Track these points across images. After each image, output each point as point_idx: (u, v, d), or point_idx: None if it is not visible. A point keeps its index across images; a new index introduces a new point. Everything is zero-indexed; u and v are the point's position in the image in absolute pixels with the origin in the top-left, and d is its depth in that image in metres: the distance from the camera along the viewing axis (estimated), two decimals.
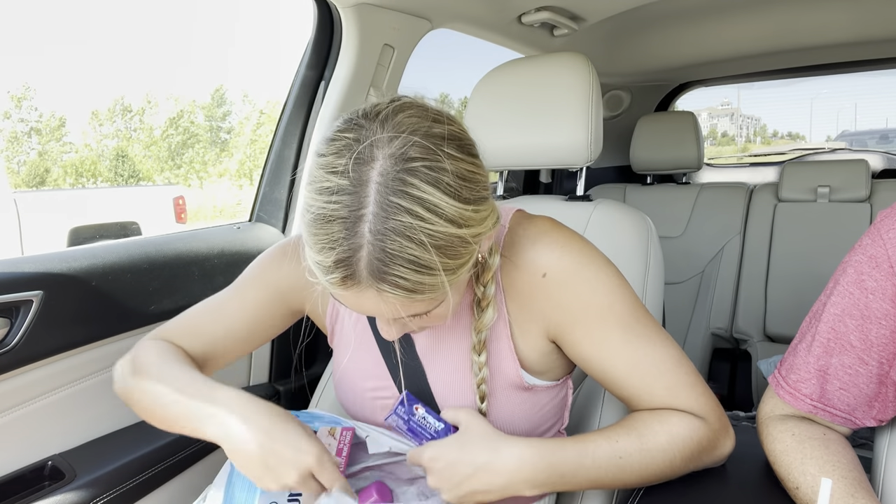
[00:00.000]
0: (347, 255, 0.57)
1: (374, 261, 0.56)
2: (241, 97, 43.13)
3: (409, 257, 0.56)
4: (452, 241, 0.58)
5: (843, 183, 2.20)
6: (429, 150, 0.58)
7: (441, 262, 0.58)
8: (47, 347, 1.00)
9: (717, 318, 2.32)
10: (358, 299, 0.60)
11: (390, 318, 0.64)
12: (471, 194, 0.60)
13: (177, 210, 5.86)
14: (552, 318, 0.76)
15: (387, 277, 0.57)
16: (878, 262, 0.69)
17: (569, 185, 2.65)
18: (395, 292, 0.58)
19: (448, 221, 0.58)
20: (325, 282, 0.60)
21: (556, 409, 0.86)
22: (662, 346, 0.75)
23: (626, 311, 0.75)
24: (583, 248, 0.76)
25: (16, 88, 39.81)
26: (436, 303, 0.63)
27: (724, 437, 0.77)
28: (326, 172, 0.58)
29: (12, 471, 0.99)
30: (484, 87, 1.23)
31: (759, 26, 2.02)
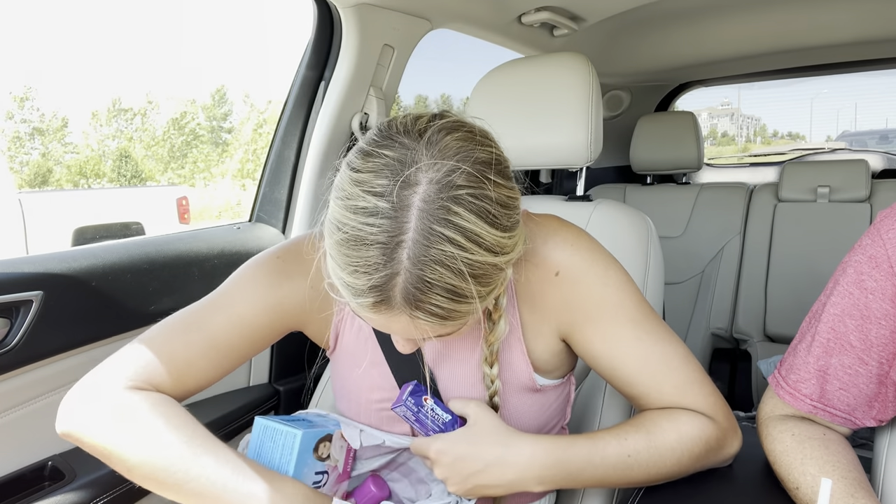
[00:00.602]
0: (384, 282, 0.55)
1: (410, 288, 0.55)
2: (241, 97, 43.13)
3: (446, 286, 0.55)
4: (488, 270, 0.57)
5: (843, 183, 2.20)
6: (475, 179, 0.56)
7: (476, 290, 0.56)
8: (47, 347, 1.00)
9: (717, 318, 2.32)
10: (388, 322, 0.59)
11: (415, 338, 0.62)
12: (508, 221, 0.59)
13: (180, 210, 5.87)
14: (564, 317, 0.76)
15: (423, 306, 0.55)
16: (878, 263, 0.69)
17: (569, 185, 2.65)
18: (429, 320, 0.56)
19: (487, 251, 0.56)
20: (355, 304, 0.58)
21: (561, 407, 0.87)
22: (671, 345, 0.76)
23: (636, 309, 0.75)
24: (592, 246, 0.77)
25: (18, 89, 39.85)
26: (462, 324, 0.61)
27: (732, 437, 0.76)
28: (364, 191, 0.55)
29: (12, 471, 0.99)
30: (484, 87, 1.23)
31: (759, 26, 2.02)
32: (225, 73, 72.21)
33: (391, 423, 0.81)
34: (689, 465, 0.73)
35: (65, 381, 1.05)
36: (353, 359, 0.82)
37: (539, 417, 0.82)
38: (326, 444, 0.76)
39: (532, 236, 0.75)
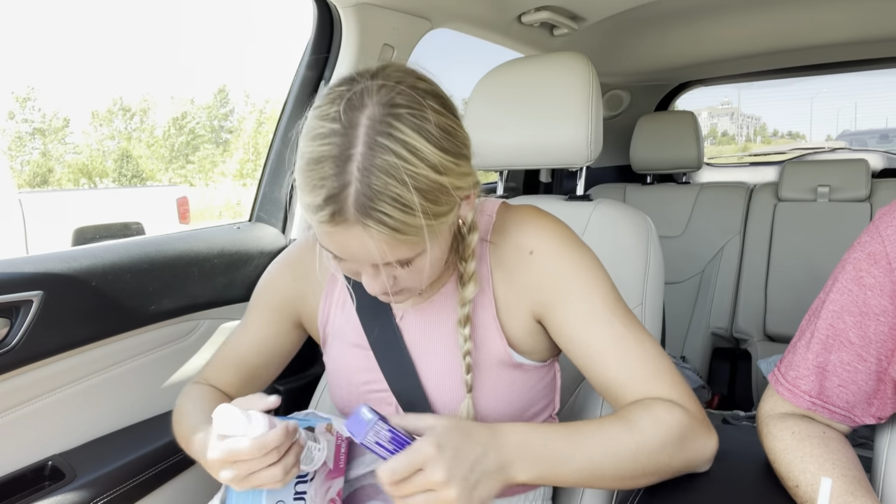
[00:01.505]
0: (336, 192, 0.61)
1: (361, 197, 0.60)
2: (242, 97, 43.13)
3: (392, 195, 0.60)
4: (433, 187, 0.63)
5: (842, 182, 2.20)
6: (415, 101, 0.63)
7: (422, 204, 0.62)
8: (47, 347, 1.00)
9: (717, 318, 2.32)
10: (346, 239, 0.64)
11: (377, 262, 0.66)
12: (451, 146, 0.65)
13: (180, 211, 5.87)
14: (538, 297, 0.78)
15: (372, 213, 0.61)
16: (877, 259, 0.69)
17: (569, 184, 2.65)
18: (380, 229, 0.61)
19: (429, 167, 0.62)
20: (316, 222, 0.64)
21: (546, 391, 0.88)
22: (642, 335, 0.77)
23: (609, 297, 0.77)
24: (567, 233, 0.81)
25: (21, 89, 39.87)
26: (417, 249, 0.66)
27: (706, 430, 0.75)
28: (320, 120, 0.63)
29: (12, 471, 0.99)
30: (484, 87, 1.23)
31: (758, 26, 2.02)
32: (225, 72, 72.27)
33: (379, 406, 0.85)
34: (672, 452, 0.71)
35: (65, 381, 1.05)
36: (341, 343, 0.87)
37: (521, 397, 0.83)
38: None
39: (509, 221, 0.81)
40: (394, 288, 0.71)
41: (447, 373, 0.81)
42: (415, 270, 0.69)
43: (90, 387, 1.09)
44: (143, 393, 1.17)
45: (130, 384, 1.15)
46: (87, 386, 1.09)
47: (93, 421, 1.10)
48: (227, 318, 1.31)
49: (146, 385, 1.18)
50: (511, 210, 0.84)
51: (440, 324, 0.82)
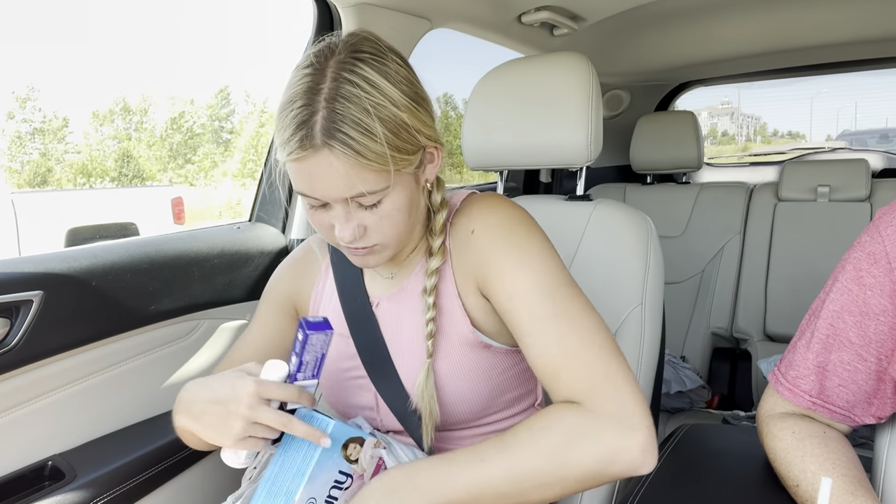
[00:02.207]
0: (305, 119, 0.68)
1: (326, 122, 0.67)
2: (243, 97, 43.13)
3: (355, 118, 0.67)
4: (394, 120, 0.69)
5: (843, 182, 2.20)
6: (378, 49, 0.72)
7: (384, 133, 0.68)
8: (47, 347, 1.00)
9: (717, 318, 2.32)
10: (314, 167, 0.69)
11: (345, 194, 0.70)
12: (410, 92, 0.72)
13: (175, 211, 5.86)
14: (479, 271, 0.79)
15: (336, 135, 0.67)
16: (877, 259, 0.69)
17: (569, 184, 2.65)
18: (344, 150, 0.67)
19: (389, 101, 0.69)
20: (287, 156, 0.69)
21: (522, 378, 0.89)
22: (579, 314, 0.74)
23: (544, 274, 0.75)
24: (512, 212, 0.81)
25: (21, 89, 39.86)
26: (382, 182, 0.70)
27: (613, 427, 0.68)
28: (296, 71, 0.71)
29: (12, 471, 0.99)
30: (484, 87, 1.23)
31: (759, 26, 2.01)
32: (224, 73, 72.26)
33: (359, 393, 0.89)
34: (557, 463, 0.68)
35: (65, 381, 1.05)
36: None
37: (489, 380, 0.84)
38: (357, 447, 0.76)
39: (467, 206, 0.85)
40: (363, 240, 0.74)
41: (415, 358, 0.83)
42: (382, 216, 0.73)
43: (90, 387, 1.09)
44: (143, 393, 1.17)
45: (130, 384, 1.15)
46: (87, 386, 1.09)
47: (93, 421, 1.10)
48: (227, 318, 1.32)
49: (146, 385, 1.18)
50: (473, 197, 0.86)
51: (407, 311, 0.85)
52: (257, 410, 0.67)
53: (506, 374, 0.86)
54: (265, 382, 0.69)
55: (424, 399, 0.81)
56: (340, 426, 0.74)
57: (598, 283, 1.10)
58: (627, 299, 1.07)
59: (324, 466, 0.72)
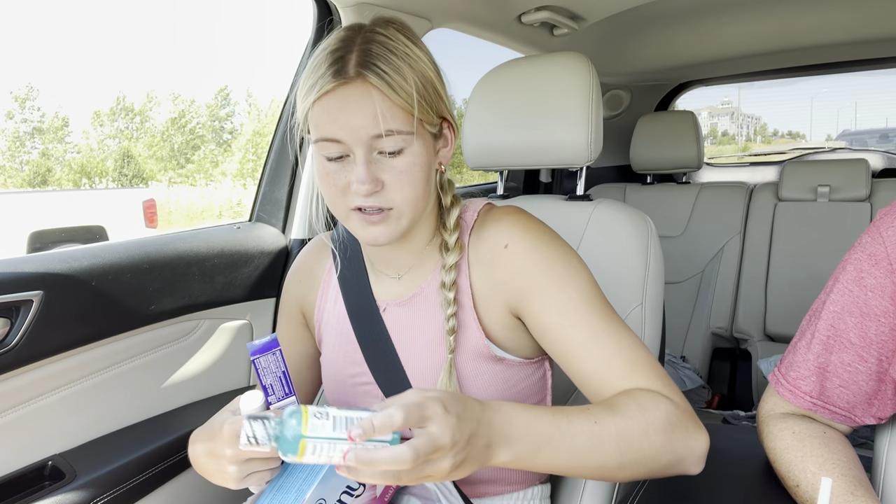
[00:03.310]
0: (339, 57, 0.71)
1: (360, 57, 0.71)
2: (244, 97, 43.08)
3: (387, 57, 0.71)
4: (423, 73, 0.74)
5: (843, 182, 2.20)
6: (406, 26, 0.78)
7: (413, 79, 0.72)
8: (47, 347, 1.00)
9: (717, 318, 2.32)
10: (344, 100, 0.71)
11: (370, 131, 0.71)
12: (434, 64, 0.77)
13: (147, 214, 5.73)
14: (513, 288, 0.78)
15: (370, 66, 0.70)
16: (878, 260, 0.69)
17: (569, 184, 2.65)
18: (378, 83, 0.70)
19: (418, 57, 0.74)
20: (317, 92, 0.71)
21: (534, 389, 0.88)
22: (622, 327, 0.76)
23: (586, 290, 0.77)
24: (543, 228, 0.82)
25: (20, 89, 39.85)
26: (408, 127, 0.72)
27: (695, 424, 0.71)
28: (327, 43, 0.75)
29: (12, 471, 0.99)
30: (484, 86, 1.23)
31: (759, 26, 2.01)
32: (224, 73, 72.22)
33: (366, 400, 0.88)
34: (658, 441, 0.68)
35: (65, 381, 1.05)
36: (333, 337, 0.91)
37: (504, 392, 0.83)
38: None
39: (489, 219, 0.84)
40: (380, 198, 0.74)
41: (430, 364, 0.82)
42: (402, 171, 0.73)
43: (90, 387, 1.09)
44: (143, 393, 1.17)
45: (130, 384, 1.15)
46: (87, 386, 1.09)
47: (93, 421, 1.10)
48: (227, 318, 1.31)
49: (146, 385, 1.18)
50: (493, 210, 0.86)
51: (422, 317, 0.84)
52: (241, 450, 0.65)
53: (518, 386, 0.85)
54: (239, 420, 0.67)
55: None
56: None
57: (598, 283, 1.10)
58: (627, 299, 1.07)
59: (336, 471, 0.72)
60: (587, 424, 0.66)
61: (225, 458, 0.67)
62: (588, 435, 0.66)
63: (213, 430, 0.69)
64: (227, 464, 0.67)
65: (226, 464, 0.67)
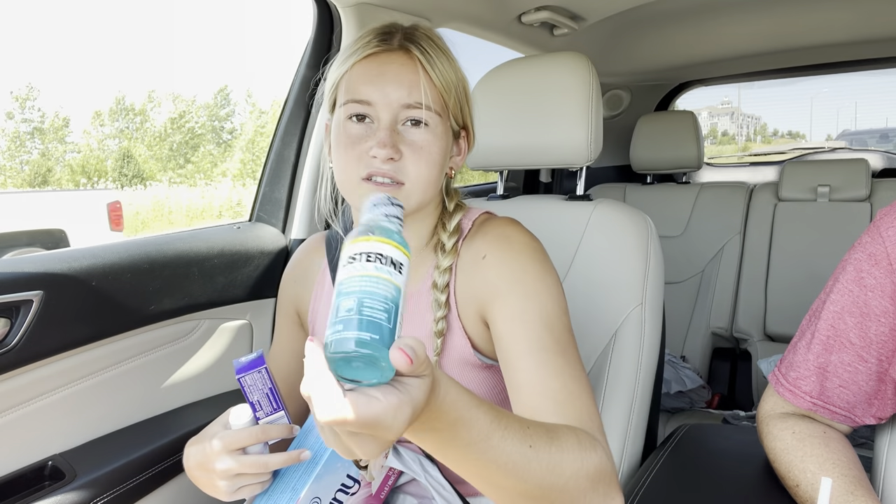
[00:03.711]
0: (387, 31, 0.79)
1: (404, 35, 0.78)
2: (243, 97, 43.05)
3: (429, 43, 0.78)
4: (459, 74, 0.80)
5: (843, 182, 2.20)
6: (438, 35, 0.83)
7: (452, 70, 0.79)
8: (47, 347, 1.00)
9: (717, 318, 2.32)
10: (384, 66, 0.76)
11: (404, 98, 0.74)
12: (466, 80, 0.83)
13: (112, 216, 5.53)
14: (482, 296, 0.78)
15: (415, 42, 0.77)
16: (878, 260, 0.69)
17: (569, 184, 2.65)
18: (421, 56, 0.75)
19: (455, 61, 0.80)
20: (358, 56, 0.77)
21: None
22: (574, 360, 0.72)
23: (550, 308, 0.74)
24: (529, 243, 0.80)
25: (20, 89, 39.85)
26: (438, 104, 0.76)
27: (615, 483, 0.66)
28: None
29: (12, 471, 0.99)
30: (484, 86, 1.23)
31: (758, 25, 2.01)
32: (223, 72, 72.22)
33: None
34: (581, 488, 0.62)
35: (65, 381, 1.05)
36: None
37: (492, 399, 0.83)
38: None
39: (482, 229, 0.84)
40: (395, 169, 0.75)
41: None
42: (422, 145, 0.76)
43: (90, 387, 1.09)
44: (143, 393, 1.17)
45: (130, 384, 1.15)
46: (87, 386, 1.09)
47: (93, 421, 1.10)
48: (227, 318, 1.31)
49: (146, 385, 1.18)
50: (488, 220, 0.85)
51: (412, 319, 0.84)
52: (230, 464, 0.68)
53: (504, 393, 0.83)
54: (228, 435, 0.69)
55: None
56: None
57: (598, 283, 1.10)
58: (627, 299, 1.07)
59: (331, 468, 0.72)
60: (522, 441, 0.58)
61: (216, 473, 0.68)
62: (518, 455, 0.57)
63: (203, 444, 0.70)
64: (217, 478, 0.69)
65: (217, 480, 0.69)
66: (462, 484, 0.88)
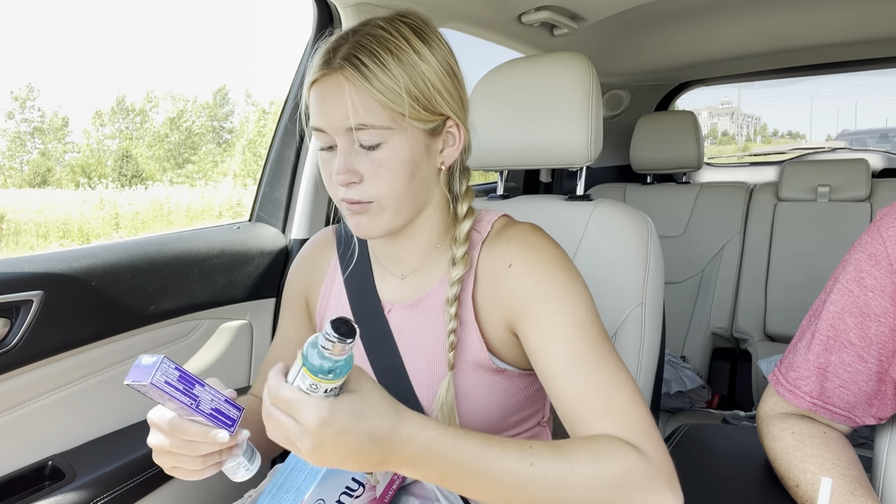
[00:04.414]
0: (332, 48, 0.74)
1: (348, 49, 0.73)
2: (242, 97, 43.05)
3: (373, 50, 0.72)
4: (415, 68, 0.73)
5: (843, 182, 2.20)
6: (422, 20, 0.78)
7: (401, 74, 0.72)
8: (47, 347, 1.00)
9: (717, 318, 2.32)
10: (327, 90, 0.73)
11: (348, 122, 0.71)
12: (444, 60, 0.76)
13: None
14: (511, 308, 0.77)
15: (352, 59, 0.72)
16: (878, 260, 0.69)
17: (569, 184, 2.65)
18: (356, 74, 0.71)
19: (415, 52, 0.74)
20: (309, 82, 0.75)
21: (533, 399, 0.88)
22: (612, 364, 0.72)
23: (582, 316, 0.73)
24: (554, 251, 0.79)
25: (20, 89, 39.85)
26: (386, 122, 0.72)
27: (665, 484, 0.64)
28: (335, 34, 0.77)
29: (12, 471, 0.99)
30: (484, 86, 1.23)
31: (758, 25, 2.01)
32: (223, 72, 72.18)
33: None
34: (604, 497, 0.62)
35: (65, 381, 1.05)
36: None
37: (504, 402, 0.83)
38: None
39: (503, 235, 0.82)
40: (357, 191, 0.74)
41: (432, 371, 0.81)
42: (380, 164, 0.73)
43: (90, 387, 1.09)
44: None
45: None
46: (87, 386, 1.09)
47: (93, 421, 1.10)
48: (227, 318, 1.31)
49: None
50: (509, 225, 0.84)
51: (427, 323, 0.83)
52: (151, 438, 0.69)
53: (518, 396, 0.84)
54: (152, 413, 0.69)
55: (444, 412, 0.78)
56: None
57: (598, 283, 1.10)
58: (627, 299, 1.07)
59: (337, 470, 0.72)
60: (520, 464, 0.61)
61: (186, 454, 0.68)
62: (518, 475, 0.61)
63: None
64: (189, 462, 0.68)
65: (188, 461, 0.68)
66: None
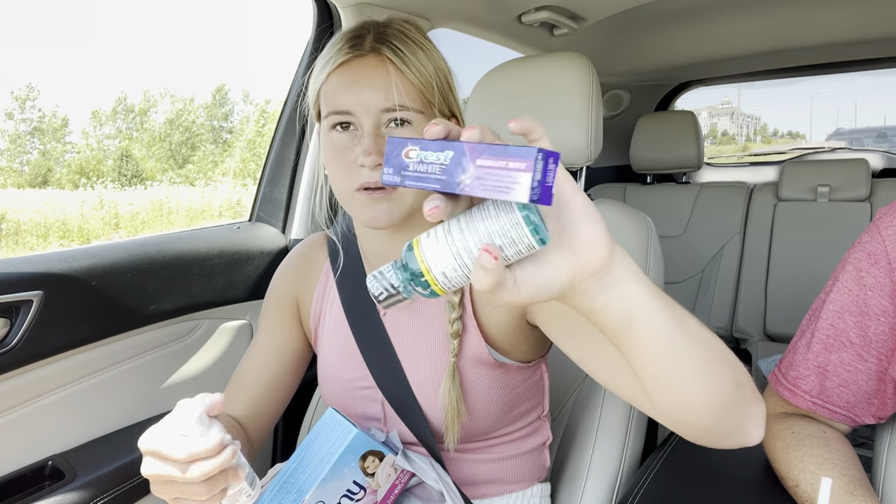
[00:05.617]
0: (355, 35, 0.75)
1: (376, 36, 0.74)
2: (241, 97, 43.08)
3: (403, 39, 0.74)
4: (436, 64, 0.76)
5: (843, 182, 2.20)
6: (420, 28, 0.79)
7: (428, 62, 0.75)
8: (47, 347, 1.00)
9: (717, 318, 2.32)
10: (358, 73, 0.73)
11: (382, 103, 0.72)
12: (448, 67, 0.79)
13: None
14: None
15: (386, 42, 0.74)
16: (877, 259, 0.69)
17: None
18: (393, 57, 0.72)
19: (433, 49, 0.77)
20: (334, 63, 0.74)
21: (532, 391, 0.88)
22: None
23: None
24: None
25: (20, 89, 39.86)
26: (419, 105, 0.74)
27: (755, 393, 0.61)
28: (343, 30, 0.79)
29: (12, 471, 0.99)
30: (484, 86, 1.23)
31: (758, 25, 2.02)
32: (222, 72, 72.19)
33: (366, 404, 0.86)
34: (728, 375, 0.57)
35: (65, 381, 1.05)
36: (331, 340, 0.89)
37: (504, 396, 0.83)
38: (375, 461, 0.76)
39: None
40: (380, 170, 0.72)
41: (431, 369, 0.82)
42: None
43: (90, 387, 1.09)
44: (143, 393, 1.17)
45: (130, 384, 1.15)
46: (87, 386, 1.09)
47: (93, 421, 1.10)
48: (227, 318, 1.32)
49: (146, 385, 1.18)
50: None
51: (423, 322, 0.83)
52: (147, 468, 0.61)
53: (517, 389, 0.85)
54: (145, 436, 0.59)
55: (451, 400, 0.78)
56: (362, 436, 0.74)
57: None
58: None
59: (338, 473, 0.72)
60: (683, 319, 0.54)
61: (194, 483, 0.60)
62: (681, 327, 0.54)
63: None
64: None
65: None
66: (468, 487, 0.88)
